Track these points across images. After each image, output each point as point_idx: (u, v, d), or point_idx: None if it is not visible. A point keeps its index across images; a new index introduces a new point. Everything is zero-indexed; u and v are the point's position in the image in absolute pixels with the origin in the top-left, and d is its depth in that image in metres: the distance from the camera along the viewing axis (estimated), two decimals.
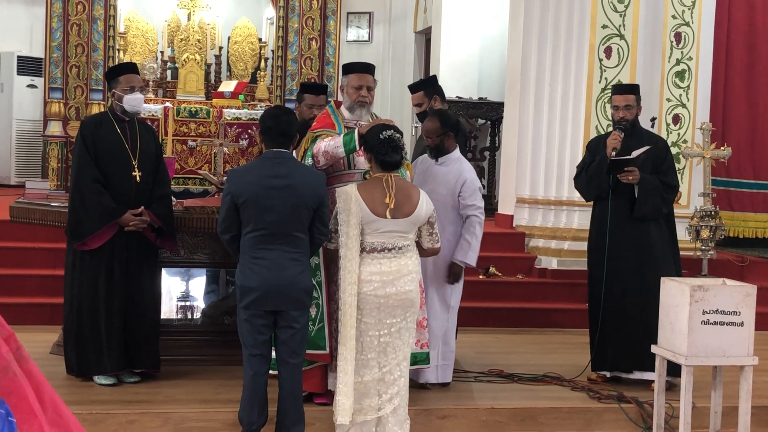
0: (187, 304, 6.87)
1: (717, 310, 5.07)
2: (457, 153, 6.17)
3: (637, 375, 6.30)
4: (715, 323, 5.08)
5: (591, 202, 6.68)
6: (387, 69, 13.89)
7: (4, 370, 1.94)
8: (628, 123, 6.36)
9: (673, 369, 5.62)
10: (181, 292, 6.89)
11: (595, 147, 6.57)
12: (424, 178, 6.03)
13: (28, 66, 12.15)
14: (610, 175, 6.24)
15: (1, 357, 1.99)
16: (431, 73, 11.92)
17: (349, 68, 5.78)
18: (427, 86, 6.91)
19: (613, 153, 6.23)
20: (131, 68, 6.06)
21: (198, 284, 6.87)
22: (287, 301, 4.81)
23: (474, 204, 6.05)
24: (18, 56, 12.12)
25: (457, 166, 6.10)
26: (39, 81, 11.77)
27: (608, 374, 6.42)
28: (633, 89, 6.58)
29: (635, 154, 6.15)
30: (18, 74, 12.11)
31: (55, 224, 6.19)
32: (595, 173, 6.34)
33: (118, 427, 5.24)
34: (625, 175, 6.18)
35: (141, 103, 5.93)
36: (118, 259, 5.75)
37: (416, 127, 11.53)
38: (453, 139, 6.12)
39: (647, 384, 6.19)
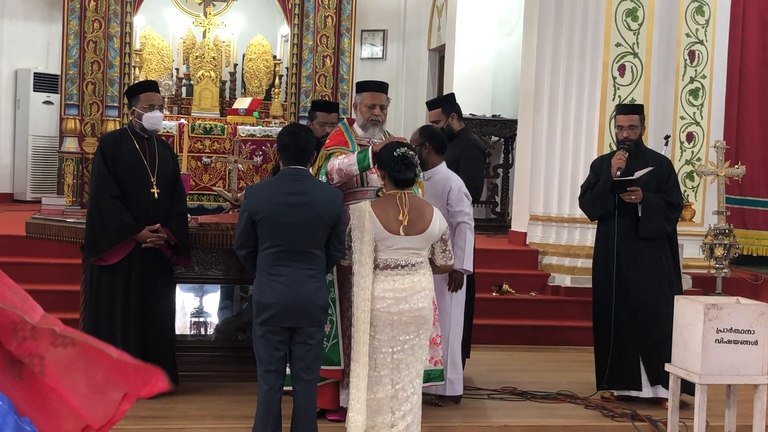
0: (201, 320, 6.89)
1: (731, 328, 5.06)
2: (443, 167, 6.14)
3: (643, 393, 6.29)
4: (729, 342, 5.06)
5: (592, 220, 6.71)
6: (401, 86, 13.93)
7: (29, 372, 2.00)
8: (632, 143, 6.38)
9: (686, 387, 5.61)
10: (195, 308, 6.92)
11: (598, 167, 6.59)
12: None
13: (44, 83, 12.23)
14: (613, 194, 6.27)
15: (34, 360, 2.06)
16: (445, 91, 11.95)
17: (363, 86, 5.81)
18: (444, 104, 6.93)
19: (618, 173, 6.25)
20: (152, 86, 6.09)
21: (211, 300, 6.89)
22: (304, 318, 4.81)
23: (462, 210, 6.00)
24: (34, 73, 12.21)
25: (443, 176, 6.08)
26: (55, 97, 11.84)
27: (615, 392, 6.41)
28: (637, 109, 6.60)
29: (638, 174, 6.17)
30: (34, 91, 12.18)
31: (70, 240, 6.22)
32: (600, 193, 6.36)
33: None
34: (627, 195, 6.20)
35: (160, 122, 5.97)
36: (134, 275, 5.79)
37: None
38: (435, 153, 6.07)
39: (660, 402, 6.18)
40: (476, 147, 6.94)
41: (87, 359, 2.26)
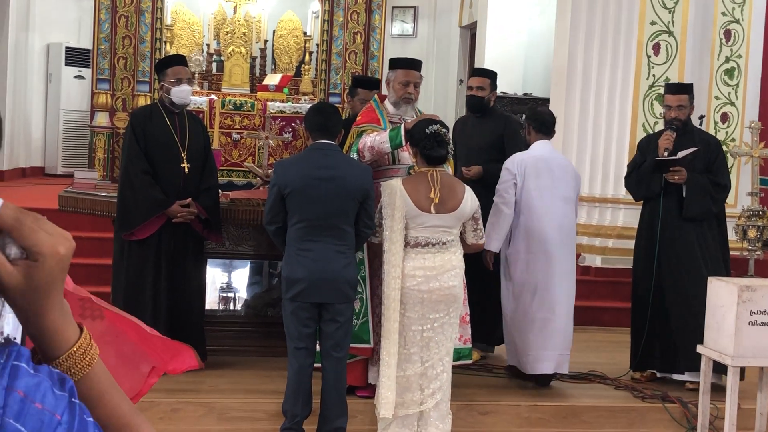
0: (229, 295, 6.92)
1: (765, 310, 5.01)
2: (534, 146, 6.32)
3: (686, 376, 6.24)
4: (763, 324, 5.01)
5: (637, 201, 6.66)
6: (431, 64, 13.85)
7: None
8: (680, 123, 6.30)
9: (718, 369, 5.56)
10: (223, 283, 6.94)
11: (645, 146, 6.52)
12: None
13: (76, 57, 12.28)
14: (658, 174, 6.20)
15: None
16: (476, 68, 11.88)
17: (397, 63, 5.78)
18: (493, 77, 6.93)
19: (665, 153, 6.18)
20: (179, 60, 6.09)
21: (239, 275, 6.91)
22: (332, 294, 4.81)
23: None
24: (66, 47, 12.26)
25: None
26: (86, 72, 11.89)
27: (658, 373, 6.37)
28: (686, 89, 6.51)
29: (681, 154, 6.10)
30: (66, 65, 12.25)
31: (102, 214, 6.26)
32: (645, 174, 6.29)
33: (163, 415, 5.29)
34: (671, 175, 6.13)
35: (188, 95, 5.96)
36: (165, 250, 5.80)
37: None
38: (535, 132, 6.35)
39: (695, 384, 6.17)
40: (518, 123, 7.05)
41: (115, 332, 2.24)
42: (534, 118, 6.35)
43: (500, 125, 6.69)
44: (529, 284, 6.05)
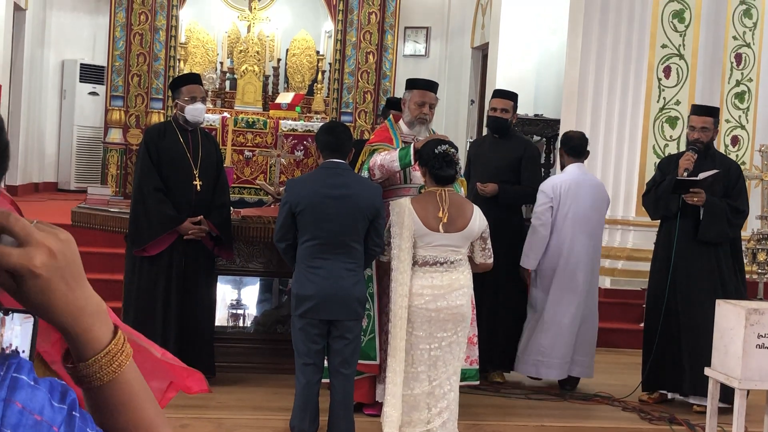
0: (239, 311, 6.95)
1: None
2: (568, 170, 6.70)
3: (695, 399, 6.23)
4: None
5: (651, 221, 6.75)
6: (443, 84, 13.86)
7: None
8: (702, 145, 6.31)
9: (725, 394, 5.56)
10: (233, 299, 6.97)
11: (665, 166, 6.55)
12: None
13: (90, 74, 12.37)
14: (676, 194, 6.21)
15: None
16: (488, 90, 11.91)
17: (414, 84, 5.84)
18: (516, 100, 6.99)
19: (685, 174, 6.19)
20: (193, 79, 6.16)
21: (249, 292, 6.94)
22: (342, 311, 4.85)
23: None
24: (81, 64, 12.36)
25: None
26: (101, 88, 11.98)
27: (669, 395, 6.37)
28: (712, 112, 6.51)
29: (702, 176, 6.11)
30: (80, 81, 12.34)
31: (115, 230, 6.31)
32: (663, 193, 6.31)
33: (171, 431, 5.30)
34: (690, 196, 6.13)
35: (202, 114, 6.03)
36: (176, 266, 5.85)
37: (470, 141, 11.52)
38: (566, 155, 6.73)
39: (691, 406, 6.17)
40: (537, 149, 7.14)
41: (135, 350, 2.28)
42: (564, 141, 6.70)
43: (519, 148, 6.73)
44: (541, 298, 6.46)
